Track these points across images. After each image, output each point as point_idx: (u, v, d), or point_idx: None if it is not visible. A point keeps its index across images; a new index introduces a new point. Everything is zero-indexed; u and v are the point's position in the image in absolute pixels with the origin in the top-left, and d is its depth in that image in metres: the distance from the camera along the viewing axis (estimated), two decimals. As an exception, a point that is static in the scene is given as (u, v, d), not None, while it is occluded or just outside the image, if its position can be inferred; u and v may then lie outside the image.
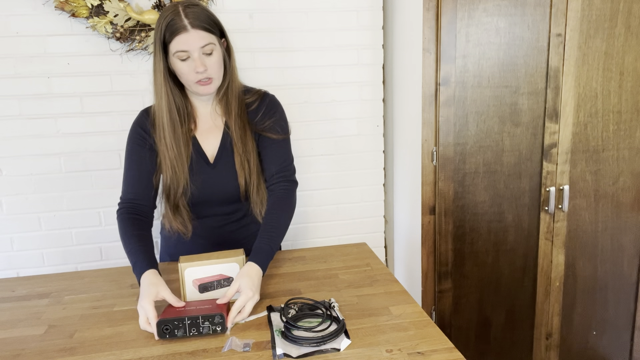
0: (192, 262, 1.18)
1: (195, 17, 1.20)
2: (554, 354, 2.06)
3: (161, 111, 1.29)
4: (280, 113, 1.41)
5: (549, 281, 1.98)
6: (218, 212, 1.43)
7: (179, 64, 1.23)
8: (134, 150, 1.34)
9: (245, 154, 1.35)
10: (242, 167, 1.35)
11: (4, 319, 1.19)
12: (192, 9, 1.21)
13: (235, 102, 1.34)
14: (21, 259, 1.95)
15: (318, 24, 1.98)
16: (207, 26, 1.22)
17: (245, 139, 1.35)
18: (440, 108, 1.80)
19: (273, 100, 1.41)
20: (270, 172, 1.38)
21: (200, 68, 1.21)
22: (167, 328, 1.04)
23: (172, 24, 1.19)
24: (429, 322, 1.10)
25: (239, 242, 1.47)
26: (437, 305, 1.98)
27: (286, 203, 1.35)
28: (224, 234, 1.45)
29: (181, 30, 1.19)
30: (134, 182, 1.33)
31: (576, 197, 1.93)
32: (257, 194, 1.39)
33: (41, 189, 1.91)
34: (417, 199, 1.92)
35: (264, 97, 1.40)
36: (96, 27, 1.78)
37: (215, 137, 1.37)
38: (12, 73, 1.81)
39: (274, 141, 1.37)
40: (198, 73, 1.22)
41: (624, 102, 1.87)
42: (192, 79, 1.24)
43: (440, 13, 1.73)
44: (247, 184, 1.37)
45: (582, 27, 1.78)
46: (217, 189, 1.37)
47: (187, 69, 1.23)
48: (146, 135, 1.34)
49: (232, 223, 1.45)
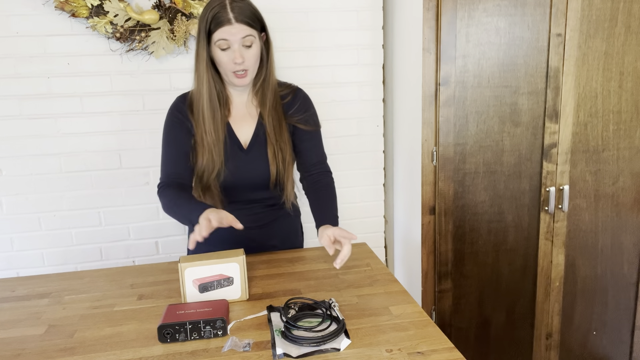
0: (192, 262, 1.18)
1: (240, 12, 1.28)
2: (554, 354, 2.06)
3: (201, 97, 1.36)
4: (313, 108, 1.50)
5: (549, 281, 1.98)
6: (247, 198, 1.47)
7: (219, 52, 1.30)
8: (171, 133, 1.41)
9: (278, 143, 1.42)
10: (275, 156, 1.41)
11: (4, 319, 1.19)
12: (238, 3, 1.29)
13: (271, 94, 1.42)
14: (21, 259, 1.95)
15: (318, 24, 1.98)
16: (250, 21, 1.29)
17: (280, 129, 1.42)
18: (440, 108, 1.80)
19: (306, 96, 1.50)
20: (311, 161, 1.48)
21: (238, 59, 1.29)
22: (169, 332, 1.04)
23: (218, 16, 1.27)
24: (429, 322, 1.10)
25: (267, 224, 1.51)
26: (437, 305, 1.98)
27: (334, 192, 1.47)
28: (252, 216, 1.48)
29: (225, 22, 1.27)
30: (173, 162, 1.40)
31: (576, 197, 1.93)
32: (288, 182, 1.47)
33: (41, 189, 1.91)
34: (417, 199, 1.92)
35: (297, 91, 1.48)
36: (96, 27, 1.78)
37: (249, 125, 1.43)
38: (12, 73, 1.81)
39: (310, 134, 1.47)
40: (236, 64, 1.30)
41: (624, 102, 1.87)
42: (229, 69, 1.31)
43: (440, 13, 1.73)
44: (279, 173, 1.43)
45: (582, 27, 1.78)
46: (249, 175, 1.42)
47: (226, 59, 1.30)
48: (183, 118, 1.40)
49: (261, 208, 1.50)
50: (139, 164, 1.96)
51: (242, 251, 1.23)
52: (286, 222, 1.56)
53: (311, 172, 1.48)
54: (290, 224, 1.58)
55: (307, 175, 1.49)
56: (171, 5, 1.81)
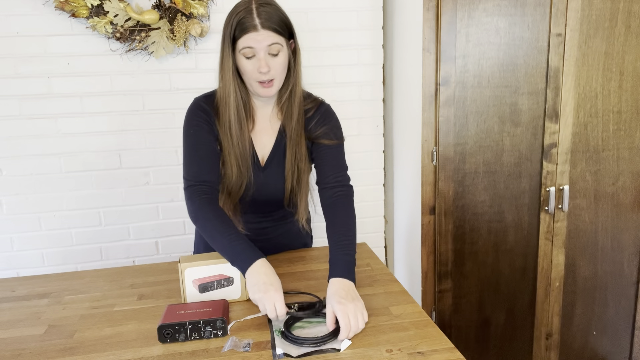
0: (192, 262, 1.18)
1: (267, 18, 1.18)
2: (554, 354, 2.06)
3: (228, 108, 1.27)
4: (335, 121, 1.38)
5: (549, 281, 1.98)
6: (259, 211, 1.44)
7: (243, 61, 1.21)
8: (201, 133, 1.29)
9: (296, 162, 1.34)
10: (292, 173, 1.34)
11: (4, 319, 1.19)
12: (265, 8, 1.19)
13: (298, 108, 1.32)
14: (21, 259, 1.95)
15: (318, 24, 1.98)
16: (278, 27, 1.20)
17: (299, 146, 1.33)
18: (440, 108, 1.80)
19: (328, 110, 1.39)
20: (325, 174, 1.35)
21: (264, 68, 1.19)
22: (169, 333, 1.04)
23: (244, 21, 1.18)
24: (429, 322, 1.09)
25: (276, 239, 1.49)
26: (437, 305, 1.98)
27: (350, 207, 1.33)
28: (260, 229, 1.46)
29: (251, 29, 1.17)
30: (206, 164, 1.28)
31: (576, 197, 1.93)
32: (302, 202, 1.40)
33: (41, 189, 1.91)
34: (417, 199, 1.92)
35: (320, 105, 1.38)
36: (96, 27, 1.78)
37: (269, 139, 1.35)
38: (12, 73, 1.81)
39: (328, 147, 1.35)
40: (261, 73, 1.20)
41: (624, 102, 1.87)
42: (254, 78, 1.22)
43: (440, 13, 1.73)
44: (294, 190, 1.37)
45: (582, 27, 1.78)
46: (263, 191, 1.37)
47: (251, 68, 1.21)
48: (209, 119, 1.29)
49: (270, 220, 1.47)
50: (139, 164, 1.96)
51: (242, 251, 1.23)
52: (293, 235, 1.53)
53: (325, 185, 1.35)
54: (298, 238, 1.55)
55: (323, 187, 1.36)
56: (171, 5, 1.81)
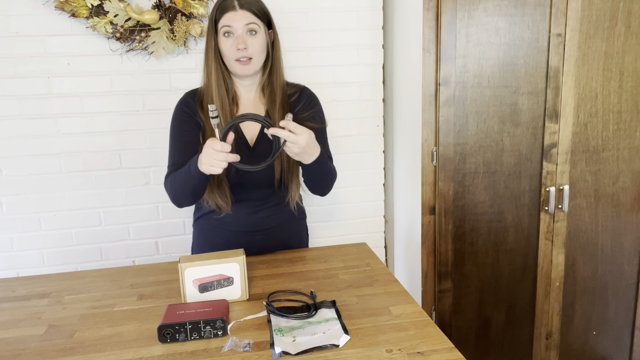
0: (192, 262, 1.18)
1: (246, 1, 1.30)
2: (554, 354, 2.06)
3: (210, 87, 1.37)
4: (319, 105, 1.50)
5: (549, 281, 1.98)
6: (252, 197, 1.46)
7: (222, 40, 1.31)
8: (179, 126, 1.40)
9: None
10: (280, 154, 1.39)
11: (4, 319, 1.19)
12: None
13: (280, 91, 1.41)
14: (21, 259, 1.95)
15: (318, 24, 1.98)
16: (255, 10, 1.31)
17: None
18: (440, 108, 1.80)
19: (312, 94, 1.50)
20: None
21: (241, 45, 1.29)
22: (169, 333, 1.04)
23: (224, 4, 1.31)
24: (429, 322, 1.10)
25: (272, 229, 1.50)
26: (437, 305, 1.98)
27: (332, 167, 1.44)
28: (257, 220, 1.48)
29: (230, 9, 1.30)
30: (181, 153, 1.38)
31: (576, 197, 1.93)
32: (293, 182, 1.45)
33: (41, 189, 1.91)
34: (417, 199, 1.92)
35: (303, 90, 1.49)
36: (96, 27, 1.78)
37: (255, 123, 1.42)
38: (12, 73, 1.81)
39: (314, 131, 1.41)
40: (239, 50, 1.30)
41: (624, 102, 1.87)
42: (232, 56, 1.31)
43: (440, 13, 1.73)
44: (284, 171, 1.42)
45: (582, 27, 1.78)
46: (254, 172, 1.40)
47: (229, 46, 1.31)
48: (191, 112, 1.40)
49: (266, 209, 1.48)
50: (139, 164, 1.96)
51: (242, 251, 1.23)
52: (291, 227, 1.55)
53: None
54: (294, 228, 1.57)
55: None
56: (171, 5, 1.81)
